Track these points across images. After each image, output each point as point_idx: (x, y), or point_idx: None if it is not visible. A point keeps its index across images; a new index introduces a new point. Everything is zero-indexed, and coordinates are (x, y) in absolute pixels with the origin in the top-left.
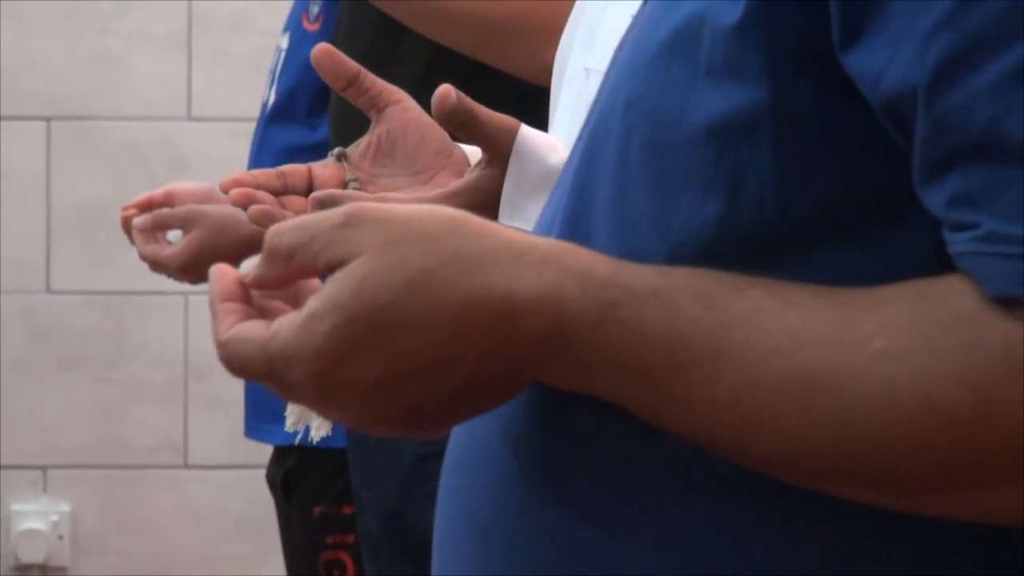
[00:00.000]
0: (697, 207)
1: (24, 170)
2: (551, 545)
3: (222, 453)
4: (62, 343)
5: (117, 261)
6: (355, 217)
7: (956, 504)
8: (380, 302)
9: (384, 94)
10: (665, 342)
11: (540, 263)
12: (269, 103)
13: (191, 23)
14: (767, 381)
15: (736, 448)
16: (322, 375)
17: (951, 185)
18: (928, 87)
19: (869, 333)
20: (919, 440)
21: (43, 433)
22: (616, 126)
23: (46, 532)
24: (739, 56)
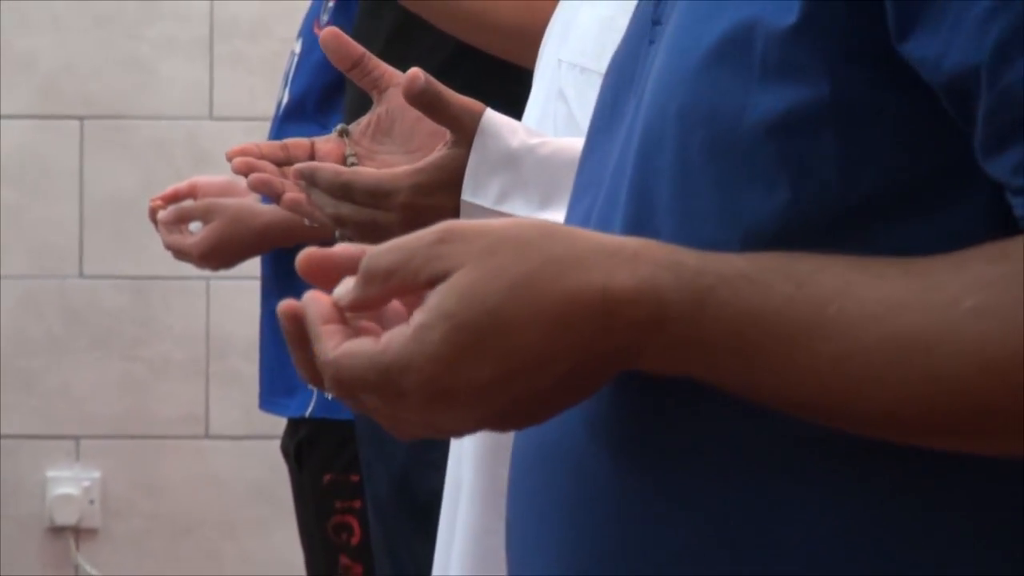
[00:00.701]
0: (764, 199)
1: (59, 165)
2: (642, 529)
3: (240, 425)
4: (94, 324)
5: (145, 248)
6: (450, 233)
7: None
8: (486, 308)
9: (386, 76)
10: (762, 319)
11: (632, 259)
12: (283, 103)
13: (213, 30)
14: (865, 347)
15: (838, 412)
16: (436, 380)
17: (1017, 153)
18: (990, 65)
19: (957, 294)
20: (1015, 389)
21: (76, 406)
22: (670, 133)
23: (79, 497)
24: (796, 56)
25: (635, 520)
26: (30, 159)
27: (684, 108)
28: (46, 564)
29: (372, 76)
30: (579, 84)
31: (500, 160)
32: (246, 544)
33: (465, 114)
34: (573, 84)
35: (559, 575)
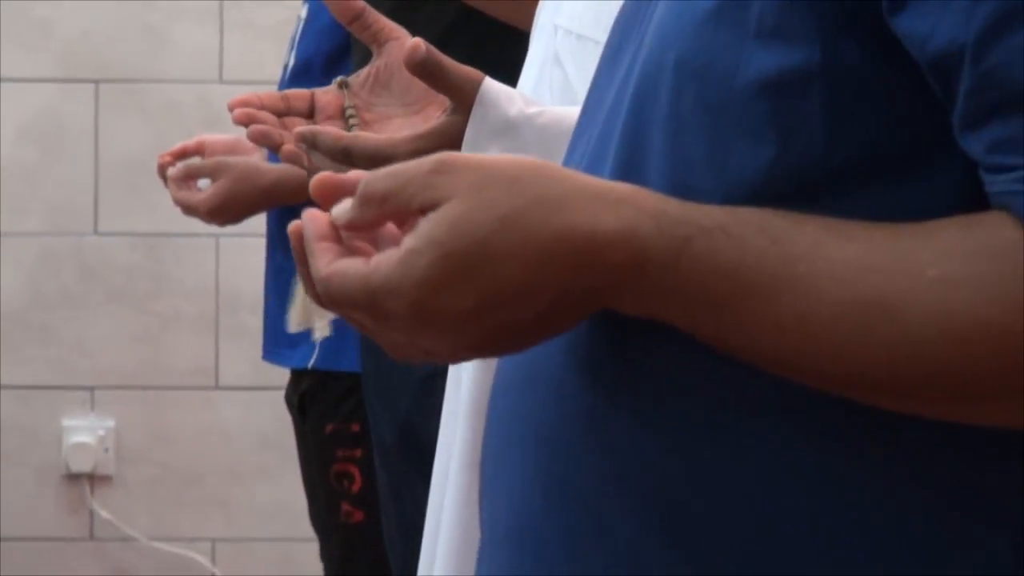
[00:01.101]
0: (751, 153)
1: (75, 127)
2: (614, 453)
3: (248, 376)
4: (108, 279)
5: (157, 207)
6: (446, 164)
7: (1006, 412)
8: (474, 238)
9: (385, 30)
10: (735, 272)
11: (617, 203)
12: (289, 66)
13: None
14: (830, 306)
15: (800, 368)
16: (421, 304)
17: (992, 132)
18: (975, 46)
19: (924, 262)
20: (973, 357)
21: (91, 358)
22: (666, 82)
23: (93, 445)
24: (790, 20)
25: (604, 441)
26: (48, 121)
27: (681, 59)
28: (62, 509)
29: (372, 30)
30: (575, 50)
31: (498, 128)
32: (253, 491)
33: (465, 83)
34: (569, 50)
35: (528, 491)
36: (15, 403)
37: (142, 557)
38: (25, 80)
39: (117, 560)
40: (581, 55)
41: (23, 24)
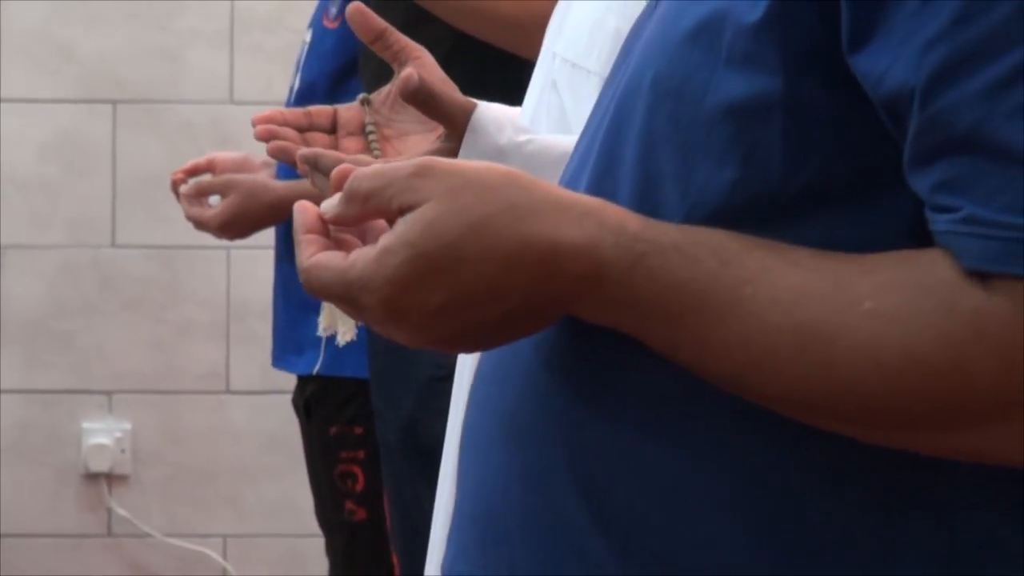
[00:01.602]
0: (714, 174)
1: (94, 145)
2: (576, 439)
3: (257, 381)
4: (125, 289)
5: (171, 220)
6: (425, 168)
7: (928, 441)
8: (445, 241)
9: (406, 50)
10: (686, 290)
11: (581, 216)
12: (295, 87)
13: (233, 23)
14: (771, 329)
15: (744, 386)
16: (392, 300)
17: (937, 173)
18: (924, 89)
19: (861, 294)
20: (900, 389)
21: (109, 363)
22: (642, 99)
23: (111, 446)
24: (757, 50)
25: (564, 436)
26: (68, 140)
27: (657, 78)
28: (81, 507)
29: (393, 49)
30: (570, 78)
31: (488, 155)
32: (262, 489)
33: (457, 112)
34: (565, 78)
35: (493, 478)
36: (37, 407)
37: (157, 553)
38: (47, 101)
39: (133, 556)
40: (575, 83)
41: (45, 48)
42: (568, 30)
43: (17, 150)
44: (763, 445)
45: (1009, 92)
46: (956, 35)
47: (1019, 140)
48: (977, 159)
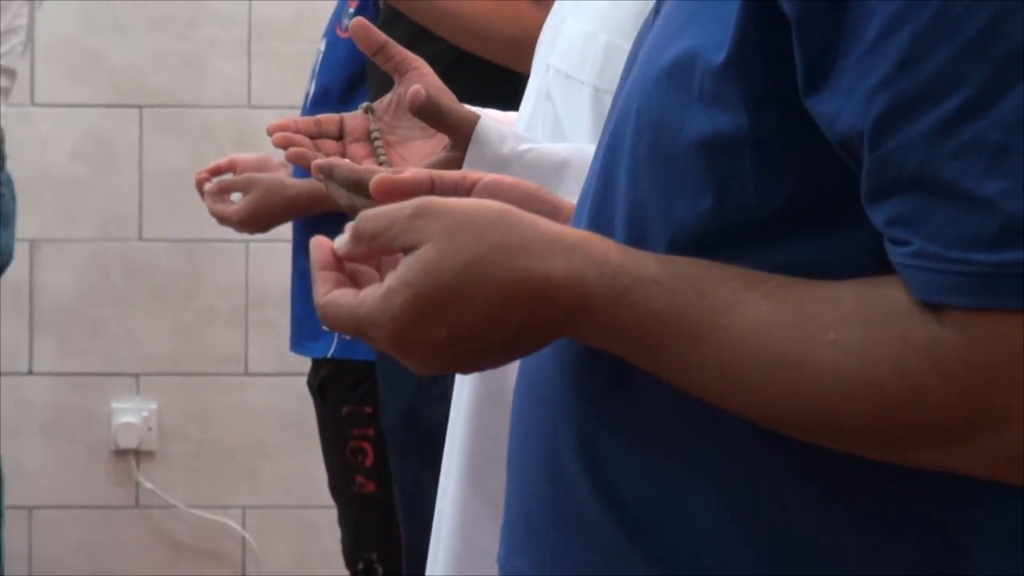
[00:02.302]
0: (692, 203)
1: (122, 146)
2: (598, 451)
3: (273, 364)
4: (151, 279)
5: (194, 216)
6: (423, 209)
7: (895, 457)
8: (442, 282)
9: (406, 61)
10: (664, 320)
11: (567, 251)
12: (311, 92)
13: (251, 33)
14: (745, 357)
15: (722, 403)
16: (397, 336)
17: (889, 208)
18: (872, 132)
19: (825, 325)
20: (861, 414)
21: (137, 348)
22: (629, 130)
23: (138, 424)
24: (723, 90)
25: (590, 443)
26: (98, 142)
27: (640, 112)
28: (111, 481)
29: (394, 61)
30: (564, 88)
31: (492, 165)
32: (278, 464)
33: (461, 123)
34: (559, 88)
35: (530, 483)
36: (70, 388)
37: (181, 523)
38: (78, 105)
39: (159, 526)
40: (568, 93)
41: (77, 56)
42: (561, 43)
43: (50, 151)
44: (763, 450)
45: (952, 133)
46: (900, 80)
47: (963, 179)
48: (925, 197)
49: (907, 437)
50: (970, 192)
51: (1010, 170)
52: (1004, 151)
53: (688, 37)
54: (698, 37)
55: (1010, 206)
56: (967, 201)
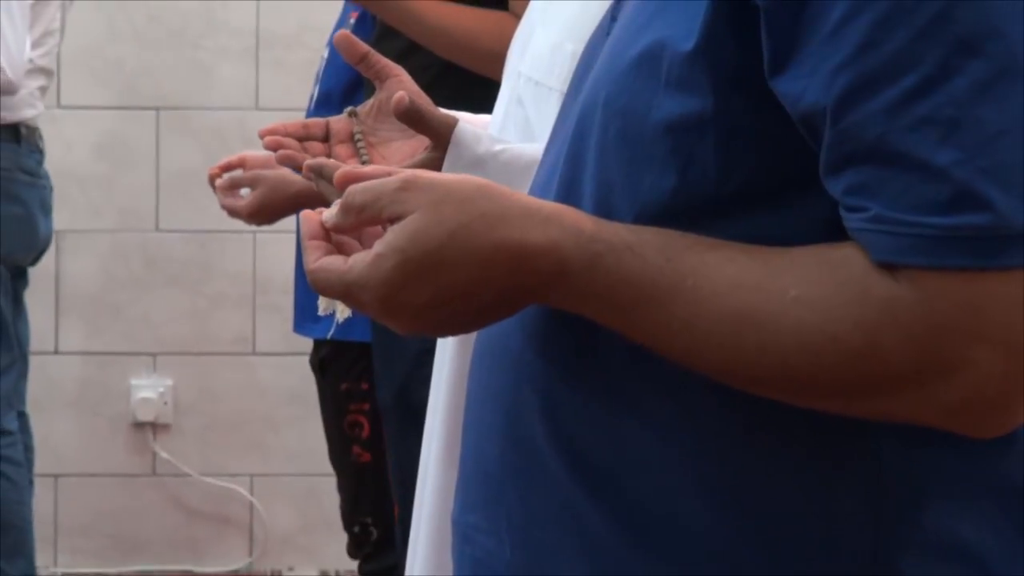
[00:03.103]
0: (657, 181)
1: (140, 145)
2: (558, 411)
3: (279, 344)
4: (167, 267)
5: (206, 209)
6: (409, 183)
7: (853, 407)
8: (428, 248)
9: (386, 69)
10: (636, 284)
11: (545, 221)
12: (314, 96)
13: (258, 42)
14: (711, 315)
15: (691, 363)
16: (386, 299)
17: (848, 178)
18: (834, 108)
19: (787, 284)
20: (822, 366)
21: (154, 330)
22: (597, 117)
23: (155, 399)
24: (691, 76)
25: (544, 404)
26: (118, 141)
27: (608, 99)
28: (130, 451)
29: (375, 69)
30: (534, 94)
31: (469, 164)
32: (283, 436)
33: (441, 127)
34: (530, 93)
35: (488, 440)
36: (93, 366)
37: (194, 490)
38: (99, 107)
39: (174, 492)
40: (538, 98)
41: (99, 63)
42: (531, 53)
43: (74, 149)
44: (713, 407)
45: (907, 109)
46: (860, 61)
47: (917, 150)
48: (881, 167)
49: (865, 388)
50: (924, 162)
51: (961, 142)
52: (956, 125)
53: (655, 30)
54: (665, 29)
55: (961, 174)
56: (921, 170)
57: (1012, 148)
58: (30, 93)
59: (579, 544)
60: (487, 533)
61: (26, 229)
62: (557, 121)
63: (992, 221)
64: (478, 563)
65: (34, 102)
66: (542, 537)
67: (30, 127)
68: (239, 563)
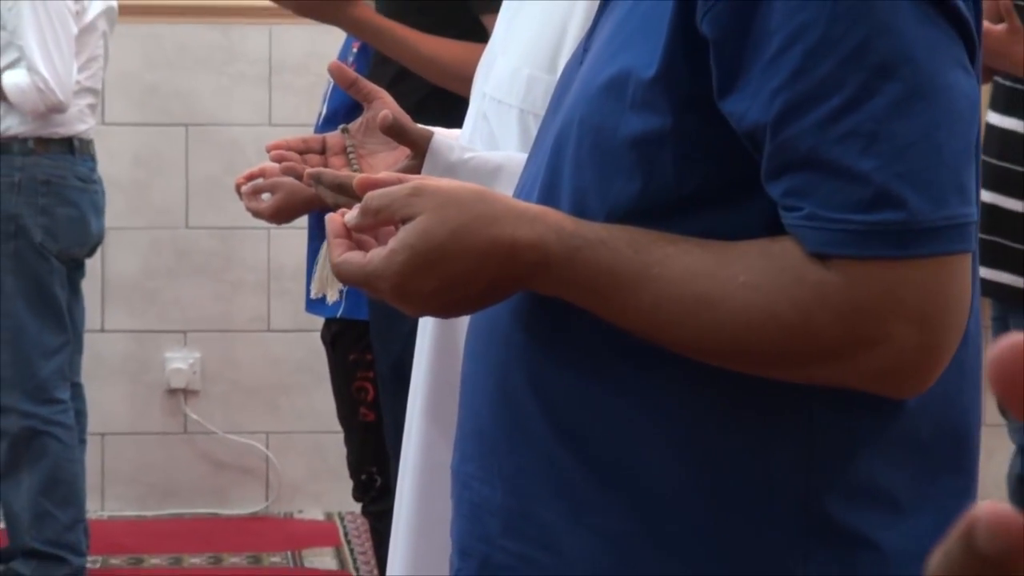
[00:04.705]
0: (624, 187)
1: (172, 156)
2: (542, 378)
3: (290, 323)
4: (195, 258)
5: (227, 210)
6: (419, 190)
7: (793, 375)
8: (434, 244)
9: (372, 92)
10: (609, 272)
11: (531, 220)
12: (322, 114)
13: (271, 68)
14: (671, 299)
15: (659, 340)
16: (398, 287)
17: (785, 183)
18: (772, 125)
19: (736, 272)
20: (765, 339)
21: (184, 311)
22: (574, 133)
23: (186, 369)
24: (652, 98)
25: (531, 373)
26: (153, 153)
27: (583, 119)
28: (165, 413)
29: (363, 92)
30: (496, 111)
31: (443, 169)
32: (293, 400)
33: (420, 139)
34: (493, 110)
35: (483, 404)
36: (133, 342)
37: (219, 445)
38: (137, 124)
39: (202, 448)
40: (500, 114)
41: (136, 87)
42: (494, 77)
43: (116, 160)
44: (672, 375)
45: (834, 125)
46: (794, 85)
47: (843, 159)
48: (814, 173)
49: (801, 357)
50: (849, 169)
51: (880, 151)
52: (875, 137)
53: (622, 60)
54: (630, 59)
55: (880, 179)
56: (847, 175)
57: (922, 156)
58: (80, 110)
59: (558, 489)
60: (482, 481)
61: (79, 228)
62: (537, 137)
63: (906, 218)
64: (475, 506)
65: (85, 118)
66: (527, 484)
67: (83, 140)
68: (257, 507)
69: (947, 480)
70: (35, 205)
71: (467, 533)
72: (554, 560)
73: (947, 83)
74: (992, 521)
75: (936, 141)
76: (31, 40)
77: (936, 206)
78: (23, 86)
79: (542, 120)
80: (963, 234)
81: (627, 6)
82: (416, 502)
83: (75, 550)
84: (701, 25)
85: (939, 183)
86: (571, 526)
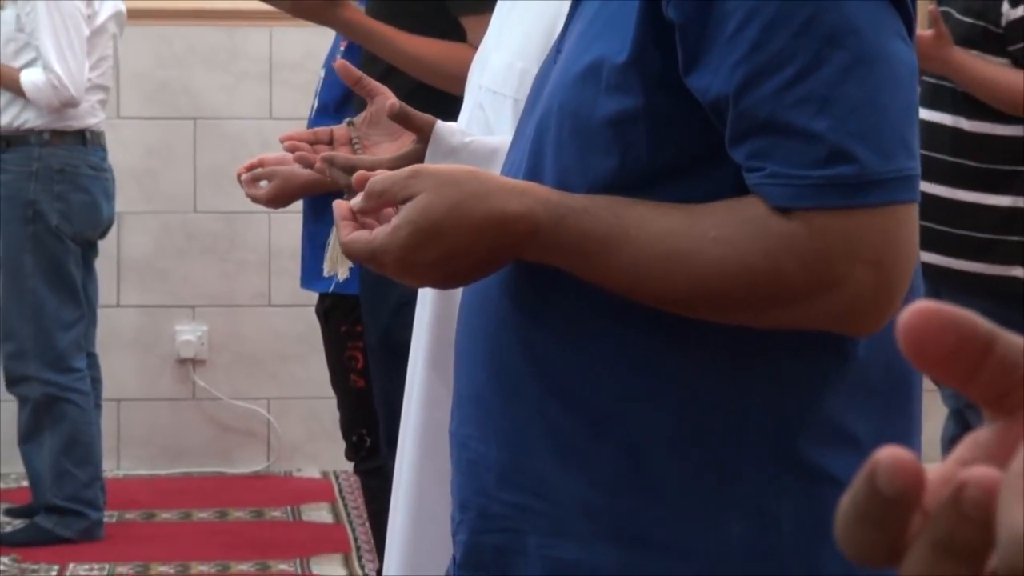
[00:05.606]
0: (603, 163)
1: (180, 148)
2: (531, 341)
3: (289, 298)
4: (202, 240)
5: (232, 195)
6: (417, 172)
7: (764, 319)
8: (434, 219)
9: (375, 88)
10: (592, 237)
11: (520, 194)
12: (314, 107)
13: (271, 66)
14: (651, 256)
15: (639, 296)
16: (401, 260)
17: (748, 147)
18: (734, 95)
19: (707, 228)
20: (736, 287)
21: (192, 287)
22: (554, 119)
23: (194, 341)
24: (625, 81)
25: (522, 341)
26: (165, 144)
27: (562, 105)
28: (175, 381)
29: (367, 89)
30: (492, 101)
31: (446, 152)
32: (293, 369)
33: (424, 125)
34: (488, 101)
35: (478, 371)
36: (146, 317)
37: (225, 410)
38: (149, 118)
39: (209, 412)
40: (496, 105)
41: (149, 82)
42: (489, 70)
43: (130, 150)
44: (652, 330)
45: (789, 92)
46: (751, 59)
47: (799, 122)
48: (773, 136)
49: (770, 302)
50: (805, 130)
51: (832, 113)
52: (827, 101)
53: (595, 50)
54: (603, 48)
55: (833, 137)
56: (803, 136)
57: (870, 116)
58: (91, 105)
59: (549, 442)
60: (478, 440)
61: (92, 212)
62: (519, 125)
63: (858, 171)
64: (472, 463)
65: (96, 112)
66: (520, 439)
67: (94, 132)
68: (259, 466)
69: (898, 421)
70: (51, 192)
71: (466, 488)
72: (547, 506)
73: (888, 51)
74: (891, 463)
75: (881, 102)
76: (46, 41)
77: (885, 160)
78: (39, 83)
79: (522, 111)
80: (910, 185)
81: (595, 6)
82: (419, 460)
83: (93, 505)
84: (667, 11)
85: (886, 140)
86: (562, 473)
